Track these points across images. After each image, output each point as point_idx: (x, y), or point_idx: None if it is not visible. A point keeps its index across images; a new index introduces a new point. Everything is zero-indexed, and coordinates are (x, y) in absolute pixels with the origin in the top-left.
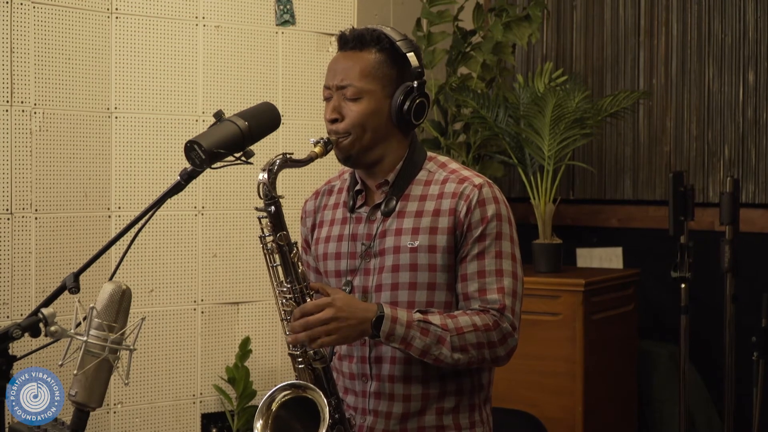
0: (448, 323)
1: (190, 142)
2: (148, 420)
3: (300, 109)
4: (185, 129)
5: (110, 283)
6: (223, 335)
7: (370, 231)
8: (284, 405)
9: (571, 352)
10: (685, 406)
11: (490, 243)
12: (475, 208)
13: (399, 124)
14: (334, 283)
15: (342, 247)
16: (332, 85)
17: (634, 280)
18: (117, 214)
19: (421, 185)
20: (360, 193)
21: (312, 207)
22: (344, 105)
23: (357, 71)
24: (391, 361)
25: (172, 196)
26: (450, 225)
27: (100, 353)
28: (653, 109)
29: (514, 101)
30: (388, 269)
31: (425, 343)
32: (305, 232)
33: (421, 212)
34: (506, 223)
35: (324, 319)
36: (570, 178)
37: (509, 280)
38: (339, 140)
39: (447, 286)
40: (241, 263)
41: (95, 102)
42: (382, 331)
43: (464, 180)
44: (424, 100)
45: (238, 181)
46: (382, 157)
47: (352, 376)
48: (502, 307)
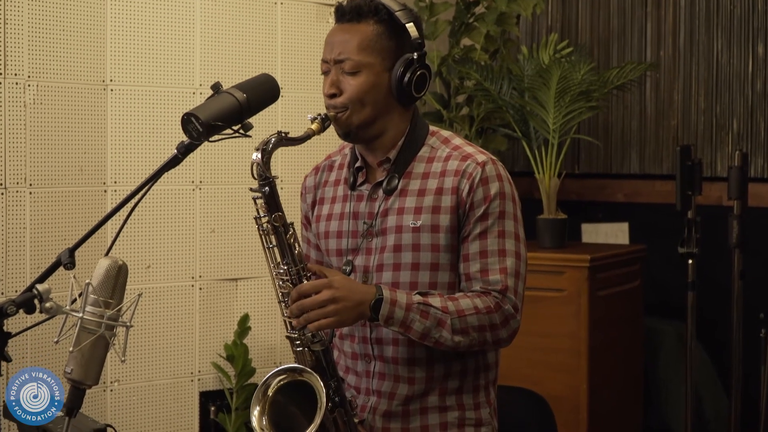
0: (449, 306)
1: (187, 115)
2: (146, 398)
3: (299, 81)
4: (182, 101)
5: (106, 259)
6: (221, 312)
7: (372, 209)
8: (281, 390)
9: (576, 329)
10: (691, 384)
11: (493, 222)
12: (478, 187)
13: (399, 97)
14: (335, 262)
15: (343, 226)
16: (330, 59)
17: (640, 256)
18: (113, 189)
19: (423, 162)
20: (360, 170)
21: (312, 183)
22: (342, 79)
23: (355, 44)
24: (394, 343)
25: (169, 170)
26: (453, 204)
27: (96, 330)
28: (660, 81)
29: (519, 73)
30: (390, 249)
31: (425, 326)
32: (305, 208)
33: (423, 191)
34: (510, 201)
35: (321, 300)
36: (575, 152)
37: (512, 260)
38: (337, 115)
39: (450, 266)
40: (240, 238)
41: (90, 74)
42: (380, 314)
43: (467, 157)
44: (425, 71)
45: (237, 155)
46: (382, 132)
47: (354, 355)
48: (504, 288)
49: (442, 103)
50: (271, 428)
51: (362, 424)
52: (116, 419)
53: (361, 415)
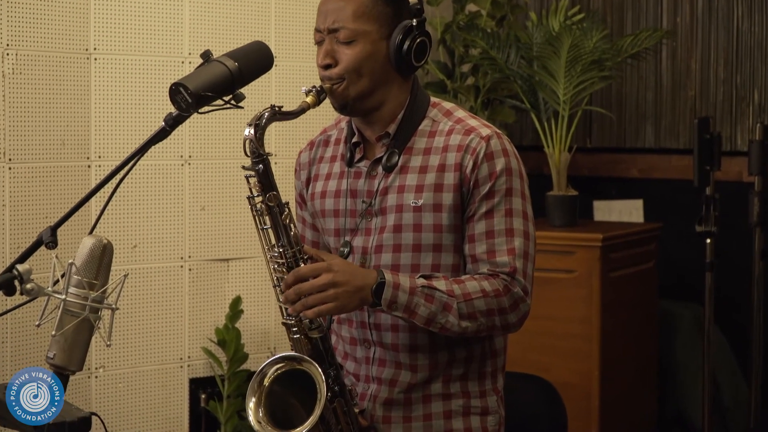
0: (455, 289)
1: (176, 85)
2: (132, 385)
3: (294, 48)
4: (170, 71)
5: (90, 237)
6: (212, 294)
7: (371, 187)
8: (278, 379)
9: (587, 312)
10: (708, 370)
11: (500, 200)
12: (482, 163)
13: (398, 66)
14: (332, 243)
15: (340, 204)
16: (323, 28)
17: (655, 234)
18: (97, 164)
19: (425, 137)
20: (358, 146)
21: (306, 159)
22: (337, 49)
23: (349, 12)
24: (393, 329)
25: (156, 143)
26: (456, 181)
27: (79, 312)
28: (677, 50)
29: (527, 41)
30: (390, 229)
31: (430, 310)
32: (299, 185)
33: (425, 167)
34: (517, 177)
35: (320, 285)
36: (587, 125)
37: (520, 240)
38: (333, 87)
39: (454, 247)
40: (232, 216)
41: (73, 42)
42: (383, 299)
43: (471, 131)
44: (425, 39)
45: (228, 128)
46: (381, 104)
47: (353, 341)
48: (512, 270)
49: (446, 72)
50: (268, 421)
51: (362, 414)
52: (101, 407)
53: (361, 404)
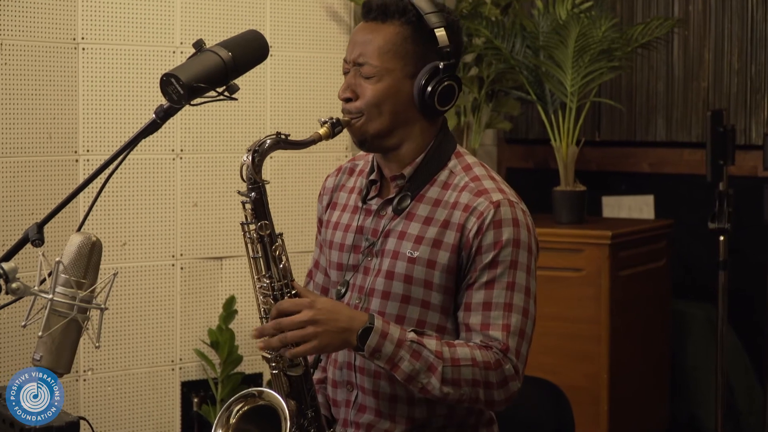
0: (444, 351)
1: (167, 76)
2: (122, 388)
3: (290, 38)
4: (161, 61)
5: (78, 235)
6: (205, 294)
7: (377, 227)
8: (245, 416)
9: (596, 312)
10: (722, 373)
11: (502, 272)
12: (488, 229)
13: (422, 108)
14: (334, 276)
15: (347, 239)
16: (350, 59)
17: (666, 232)
18: (85, 158)
19: (439, 187)
20: (375, 183)
21: (331, 185)
22: (359, 83)
23: (375, 47)
24: (376, 375)
25: (146, 136)
26: (455, 242)
27: (67, 313)
28: (689, 39)
29: (533, 30)
30: (383, 274)
31: (414, 367)
32: (320, 209)
33: (430, 219)
34: (524, 251)
35: (299, 321)
36: (595, 118)
37: (518, 317)
38: (351, 121)
39: (441, 308)
40: (225, 213)
41: (59, 31)
42: (367, 345)
43: (482, 192)
44: (453, 83)
45: (222, 120)
46: (400, 144)
47: (334, 383)
48: (504, 348)
49: None
50: None
51: None
52: (90, 411)
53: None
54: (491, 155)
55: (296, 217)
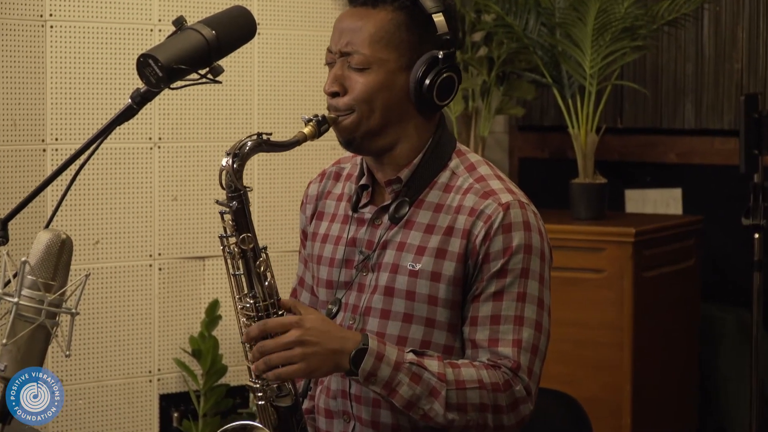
0: (448, 373)
1: (144, 56)
2: (95, 401)
3: (279, 14)
4: (138, 40)
5: (46, 232)
6: (185, 297)
7: (372, 237)
8: None
9: (618, 317)
10: (756, 382)
11: (512, 281)
12: (496, 234)
13: (418, 103)
14: (323, 295)
15: (338, 252)
16: (335, 49)
17: (695, 228)
18: (53, 147)
19: (440, 190)
20: (366, 189)
21: (315, 192)
22: (348, 75)
23: (366, 35)
24: (375, 404)
25: (121, 123)
26: (461, 251)
27: (34, 318)
28: (721, 15)
29: (548, 5)
30: (381, 291)
31: (414, 392)
32: (303, 221)
33: (432, 227)
34: (537, 257)
35: (285, 343)
36: (617, 102)
37: (530, 331)
38: (339, 118)
39: (449, 326)
40: (208, 208)
41: (25, 7)
42: (361, 369)
43: (489, 194)
44: (453, 75)
45: (204, 106)
46: (394, 144)
47: (329, 413)
48: (515, 366)
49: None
50: None
51: None
52: (60, 426)
53: None
54: (502, 144)
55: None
